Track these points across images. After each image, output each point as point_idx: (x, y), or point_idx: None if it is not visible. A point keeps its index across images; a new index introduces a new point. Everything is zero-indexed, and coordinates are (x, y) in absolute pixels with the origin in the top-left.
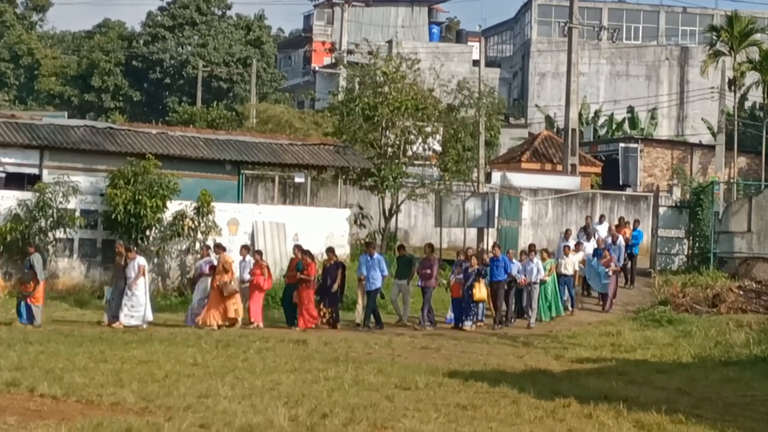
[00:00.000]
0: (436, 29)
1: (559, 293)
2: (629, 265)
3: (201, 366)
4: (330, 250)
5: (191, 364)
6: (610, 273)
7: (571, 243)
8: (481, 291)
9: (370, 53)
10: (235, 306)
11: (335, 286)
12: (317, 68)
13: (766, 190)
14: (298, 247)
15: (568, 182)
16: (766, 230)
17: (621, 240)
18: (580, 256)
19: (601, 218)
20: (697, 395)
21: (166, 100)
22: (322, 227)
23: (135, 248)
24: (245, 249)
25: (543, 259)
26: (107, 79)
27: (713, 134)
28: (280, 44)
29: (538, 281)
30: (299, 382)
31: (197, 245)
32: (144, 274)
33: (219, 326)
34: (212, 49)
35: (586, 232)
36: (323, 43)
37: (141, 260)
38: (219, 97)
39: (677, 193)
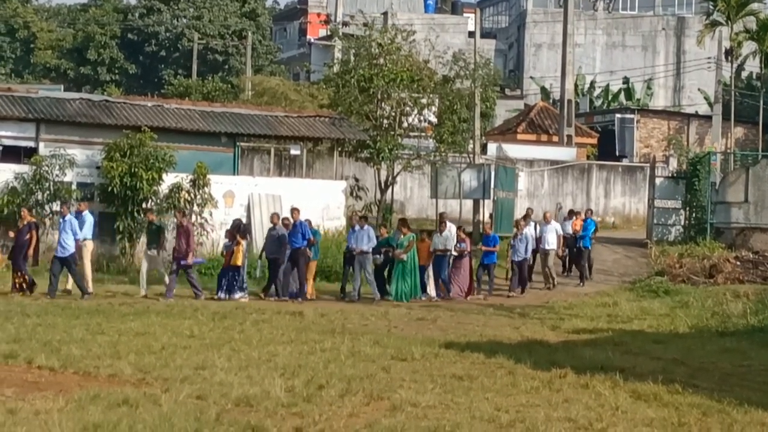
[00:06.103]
0: (431, 1)
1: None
2: (583, 261)
3: (198, 338)
4: (26, 208)
5: (188, 336)
6: (455, 252)
7: (453, 229)
8: (237, 257)
9: (365, 25)
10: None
11: (29, 250)
12: (312, 40)
13: (764, 161)
14: None
15: (564, 153)
16: (762, 200)
17: (526, 231)
18: (445, 236)
19: (570, 213)
20: (693, 365)
21: (162, 73)
22: (319, 199)
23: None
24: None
25: (404, 234)
26: (103, 52)
27: (710, 104)
28: (275, 16)
29: (369, 250)
30: (296, 354)
31: (194, 218)
32: None
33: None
34: (207, 21)
35: (526, 218)
36: (318, 14)
37: None
38: (214, 70)
39: (674, 163)
